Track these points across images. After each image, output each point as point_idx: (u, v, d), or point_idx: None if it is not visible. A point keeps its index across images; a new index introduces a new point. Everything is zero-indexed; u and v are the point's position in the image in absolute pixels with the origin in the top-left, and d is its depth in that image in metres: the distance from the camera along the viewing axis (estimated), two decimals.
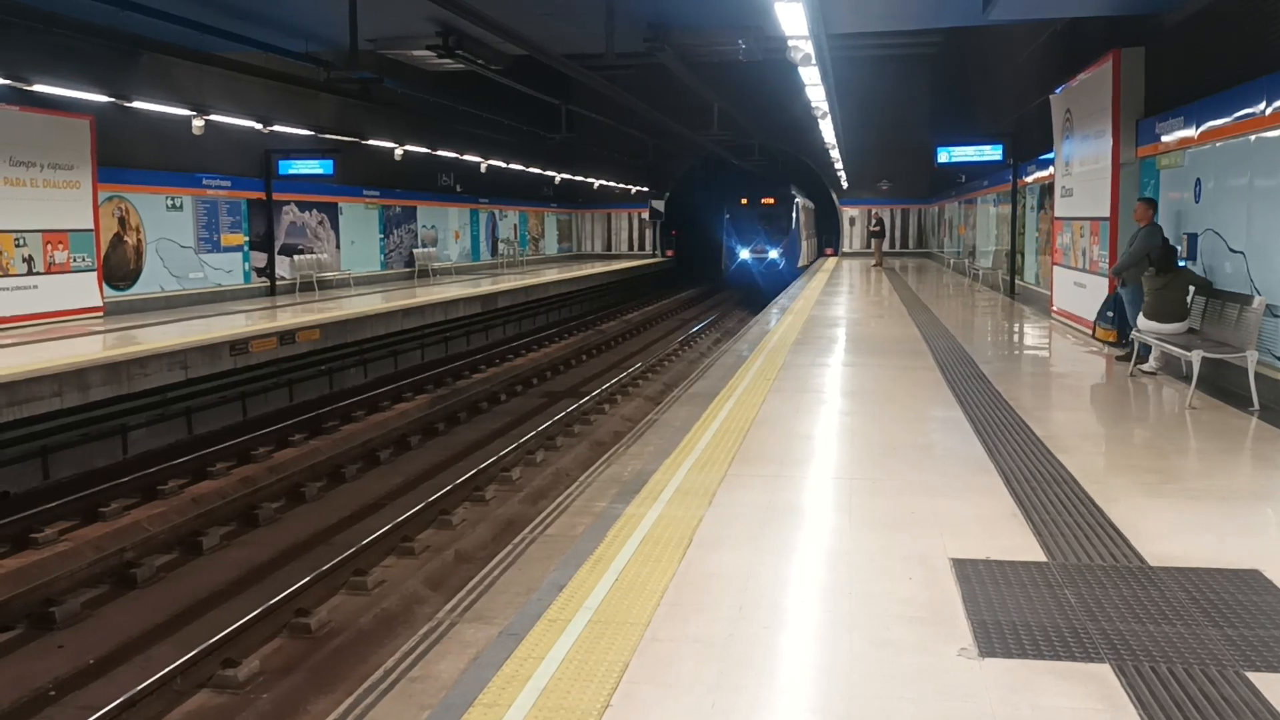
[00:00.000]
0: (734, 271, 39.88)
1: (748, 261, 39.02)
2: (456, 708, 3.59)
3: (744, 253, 39.01)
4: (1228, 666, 3.85)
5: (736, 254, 39.46)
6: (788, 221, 38.97)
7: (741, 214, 39.87)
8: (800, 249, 39.44)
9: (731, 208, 40.15)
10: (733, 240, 39.62)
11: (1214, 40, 10.76)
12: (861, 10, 15.71)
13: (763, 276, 37.47)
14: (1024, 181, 21.10)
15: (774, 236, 38.78)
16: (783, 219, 39.14)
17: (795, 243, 38.80)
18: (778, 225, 39.04)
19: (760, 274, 37.94)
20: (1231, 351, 9.10)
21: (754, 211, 39.62)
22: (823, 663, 4.01)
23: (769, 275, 37.14)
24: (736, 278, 39.85)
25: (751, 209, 39.67)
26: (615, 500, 6.16)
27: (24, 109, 15.28)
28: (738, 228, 39.63)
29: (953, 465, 7.06)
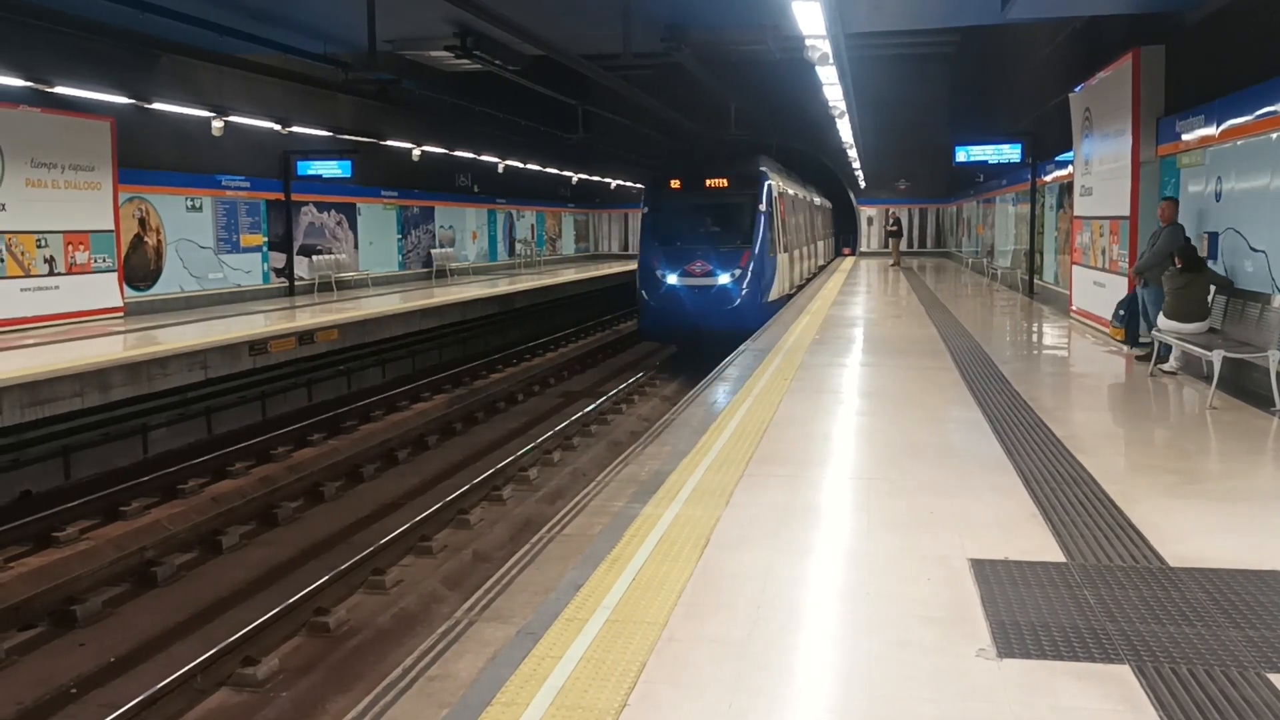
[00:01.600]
0: (653, 311, 20.58)
1: (678, 291, 20.16)
2: (475, 706, 3.60)
3: (671, 277, 20.18)
4: (1249, 668, 3.82)
5: (658, 279, 20.37)
6: (751, 220, 20.72)
7: (669, 208, 21.29)
8: (774, 269, 21.25)
9: (654, 197, 21.66)
10: (652, 254, 20.68)
11: (1235, 38, 10.69)
12: (879, 9, 15.67)
13: (705, 320, 19.50)
14: (1043, 180, 21.01)
15: (726, 247, 20.45)
16: (742, 216, 20.97)
17: (765, 259, 20.59)
18: (734, 227, 20.87)
19: (701, 315, 19.66)
20: (1253, 351, 9.03)
21: (690, 203, 21.40)
22: (841, 663, 4.00)
23: (717, 318, 19.40)
24: (659, 324, 20.77)
25: (687, 199, 21.40)
26: (632, 500, 6.16)
27: (45, 111, 15.39)
28: (661, 231, 20.97)
29: (971, 466, 7.03)
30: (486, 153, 27.96)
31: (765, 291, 20.45)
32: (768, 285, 20.63)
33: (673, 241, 20.47)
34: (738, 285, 19.77)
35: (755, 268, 19.99)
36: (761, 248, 20.21)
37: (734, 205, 20.86)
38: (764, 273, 20.30)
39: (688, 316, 19.65)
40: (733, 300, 19.67)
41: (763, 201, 20.59)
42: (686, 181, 21.19)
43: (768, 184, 20.96)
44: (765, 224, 20.50)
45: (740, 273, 19.83)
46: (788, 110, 35.83)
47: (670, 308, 19.93)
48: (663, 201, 21.14)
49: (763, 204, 20.56)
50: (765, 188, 20.84)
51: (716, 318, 19.25)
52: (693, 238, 20.54)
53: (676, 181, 21.16)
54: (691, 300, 19.74)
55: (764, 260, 20.28)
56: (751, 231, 20.27)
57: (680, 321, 19.85)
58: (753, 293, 19.92)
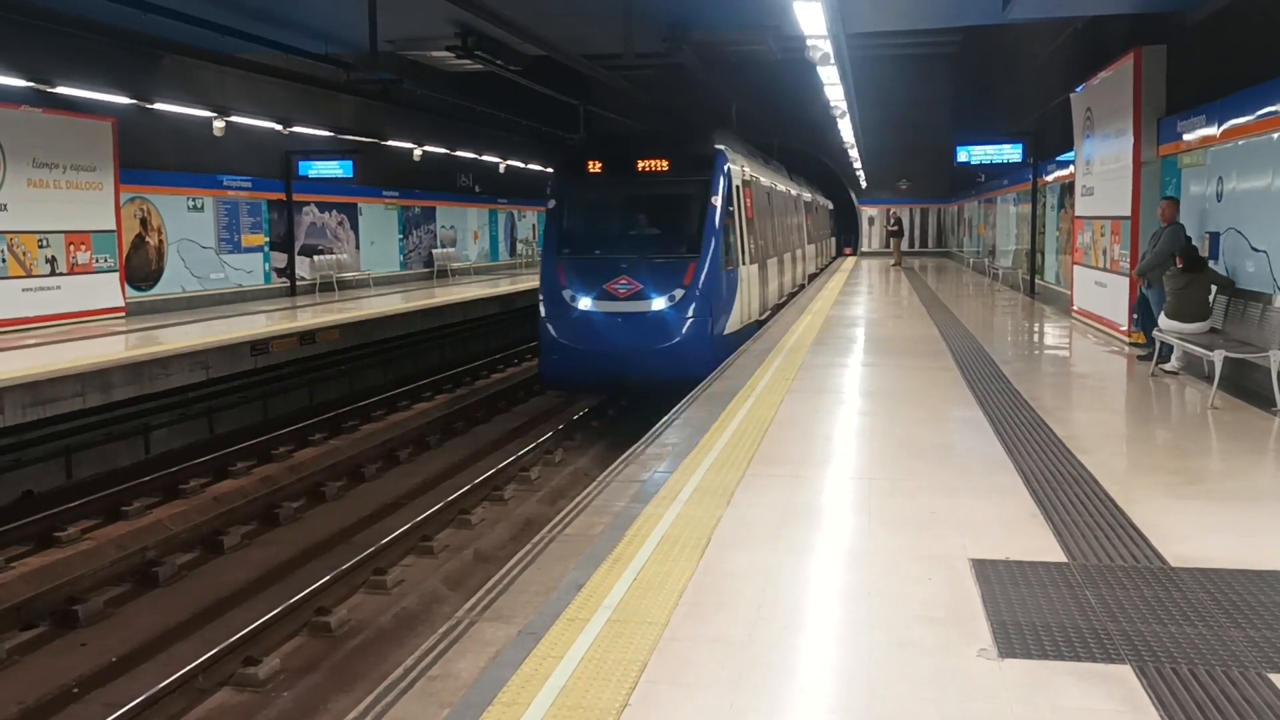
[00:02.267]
0: (558, 349, 14.12)
1: (594, 321, 13.87)
2: (476, 706, 3.60)
3: (584, 300, 13.88)
4: (1250, 668, 3.82)
5: (565, 302, 14.06)
6: (701, 218, 14.50)
7: (584, 201, 15.43)
8: (735, 287, 15.18)
9: (563, 186, 15.41)
10: (558, 266, 14.39)
11: (1236, 38, 10.68)
12: (881, 9, 15.68)
13: (633, 363, 13.63)
14: (1044, 180, 21.01)
15: (665, 257, 14.20)
16: (687, 212, 14.76)
17: (720, 273, 14.39)
18: (676, 228, 14.80)
19: (626, 355, 13.67)
20: (1254, 351, 9.02)
21: (614, 195, 15.46)
22: (842, 663, 4.00)
23: (650, 360, 13.59)
24: (566, 367, 14.23)
25: (609, 188, 15.35)
26: (634, 500, 6.16)
27: (47, 111, 15.40)
28: (571, 235, 14.96)
29: (973, 465, 7.03)
30: (488, 153, 27.97)
31: (721, 319, 14.04)
32: (724, 311, 14.22)
33: (587, 249, 14.30)
34: (679, 312, 13.36)
35: (706, 286, 13.58)
36: (714, 257, 13.77)
37: (677, 197, 14.58)
38: (718, 293, 13.93)
39: (607, 357, 13.33)
40: (671, 334, 13.35)
41: (718, 191, 14.19)
42: (610, 164, 14.65)
43: (726, 168, 14.53)
44: (722, 223, 14.12)
45: (684, 294, 13.39)
46: (789, 110, 35.83)
47: (582, 344, 13.46)
48: (575, 192, 14.77)
49: (717, 195, 14.15)
50: (722, 173, 14.40)
51: (648, 359, 13.16)
52: (616, 244, 14.36)
53: (596, 164, 14.67)
54: (613, 334, 13.32)
55: (719, 276, 13.90)
56: (701, 234, 13.90)
57: (596, 364, 13.41)
58: (700, 323, 13.44)
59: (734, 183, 15.02)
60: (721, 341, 14.06)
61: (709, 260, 13.85)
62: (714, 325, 13.88)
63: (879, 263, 37.10)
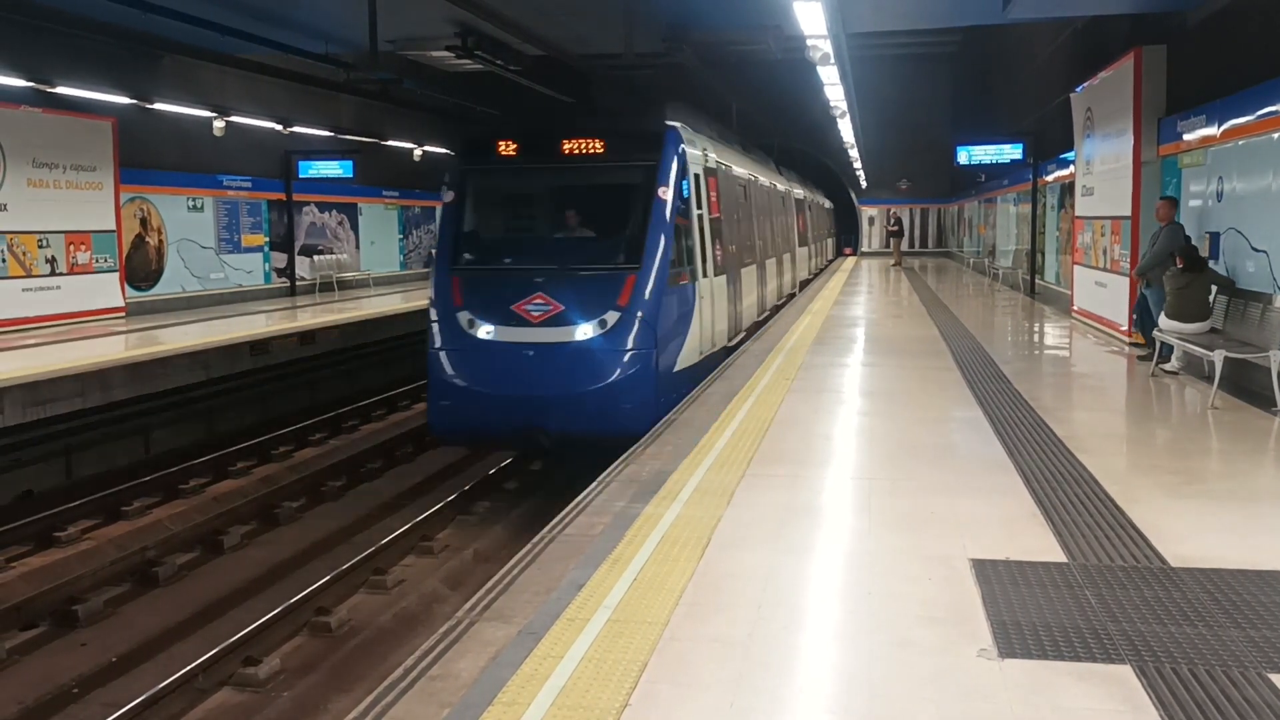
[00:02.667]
0: (452, 390, 10.14)
1: (497, 354, 10.07)
2: (476, 706, 3.60)
3: (485, 326, 10.11)
4: (1250, 668, 3.82)
5: (460, 327, 10.22)
6: (645, 216, 10.77)
7: (490, 194, 11.75)
8: (692, 307, 11.39)
9: (465, 176, 11.40)
10: (452, 280, 10.60)
11: (1237, 38, 10.68)
12: (881, 9, 15.68)
13: (550, 410, 9.82)
14: (1044, 180, 21.00)
15: (595, 268, 10.60)
16: (626, 207, 11.16)
17: (669, 290, 10.60)
18: (611, 229, 11.24)
19: (542, 401, 9.82)
20: (1254, 351, 9.02)
21: (529, 185, 12.00)
22: (842, 663, 4.00)
23: (572, 408, 9.82)
24: (462, 413, 10.16)
25: (524, 176, 11.77)
26: (634, 500, 6.16)
27: (47, 111, 15.39)
28: (471, 237, 11.31)
29: (973, 465, 7.03)
30: None
31: (670, 351, 10.57)
32: (675, 339, 10.75)
33: (493, 257, 11.03)
34: (613, 343, 9.95)
35: (651, 307, 10.18)
36: (662, 268, 10.40)
37: (613, 189, 11.39)
38: (667, 316, 10.50)
39: (515, 404, 9.85)
40: (601, 373, 9.90)
41: (667, 181, 10.82)
42: (527, 146, 11.21)
43: (680, 151, 11.12)
44: (672, 223, 10.72)
45: (619, 318, 10.00)
46: (789, 110, 35.82)
47: (483, 386, 10.01)
48: (480, 182, 11.34)
49: (667, 185, 10.80)
50: (674, 158, 11.00)
51: (570, 408, 9.78)
52: (531, 251, 11.26)
53: (507, 145, 11.18)
54: (522, 373, 9.89)
55: (668, 293, 10.50)
56: (645, 238, 10.52)
57: (501, 413, 9.90)
58: (641, 357, 10.01)
59: (692, 170, 11.48)
60: (670, 381, 10.35)
61: (654, 272, 10.26)
62: (660, 359, 10.07)
63: (879, 263, 37.09)
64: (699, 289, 11.49)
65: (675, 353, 10.69)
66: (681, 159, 11.11)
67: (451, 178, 11.39)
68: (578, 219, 11.15)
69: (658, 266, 10.35)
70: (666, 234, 10.56)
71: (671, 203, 10.70)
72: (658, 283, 10.29)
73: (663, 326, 10.27)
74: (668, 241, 10.53)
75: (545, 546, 5.34)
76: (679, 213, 10.93)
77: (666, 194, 10.72)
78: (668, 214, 10.67)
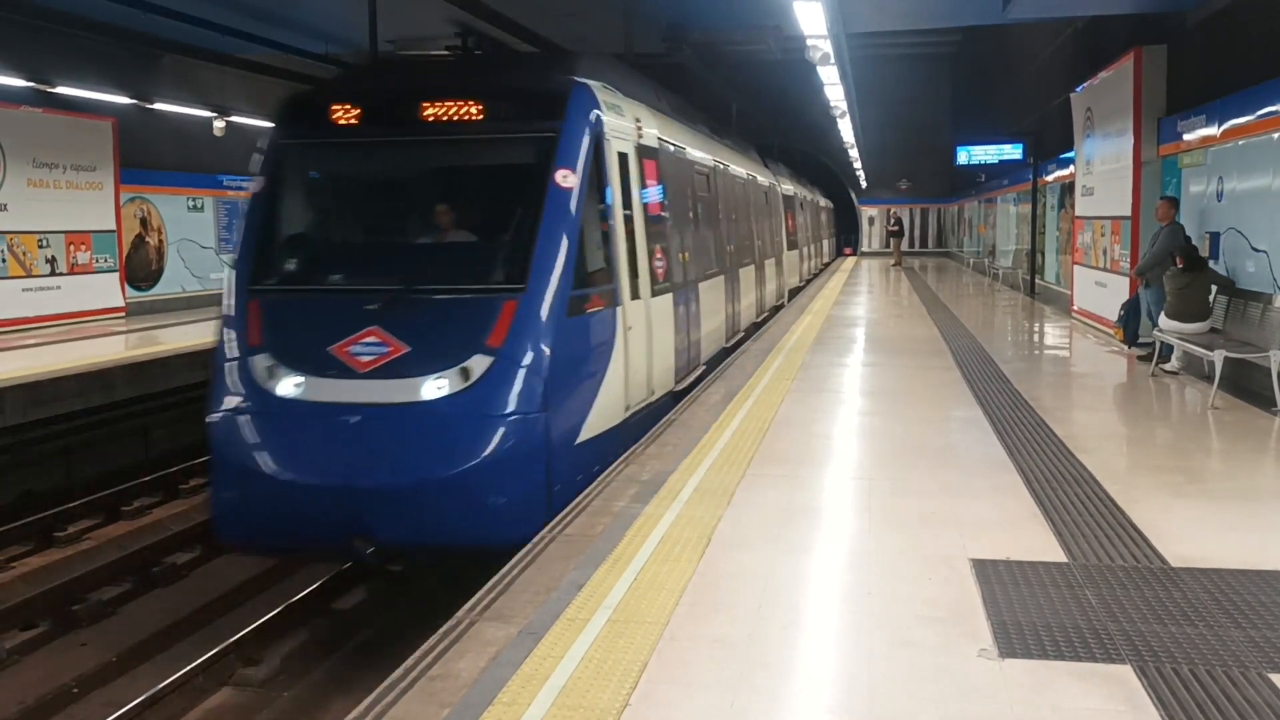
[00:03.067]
0: (241, 475, 6.51)
1: (307, 421, 6.51)
2: (476, 706, 3.60)
3: (289, 378, 6.58)
4: (1250, 668, 3.82)
5: (256, 382, 6.65)
6: (533, 213, 7.16)
7: (316, 183, 8.23)
8: (610, 346, 7.71)
9: (284, 155, 7.83)
10: (245, 307, 7.15)
11: (1236, 38, 10.68)
12: (881, 9, 15.67)
13: (380, 509, 6.21)
14: (1044, 180, 21.00)
15: (457, 291, 7.03)
16: (507, 201, 7.60)
17: (563, 323, 6.95)
18: (487, 235, 7.68)
19: (370, 499, 6.21)
20: (1254, 351, 9.02)
21: (378, 167, 8.13)
22: (842, 663, 4.00)
23: (409, 516, 6.24)
24: (257, 512, 6.54)
25: (366, 157, 8.00)
26: (634, 500, 6.16)
27: (47, 111, 15.40)
28: (286, 245, 7.82)
29: (973, 465, 7.03)
30: None
31: (573, 411, 7.16)
32: (582, 393, 7.37)
33: (310, 272, 7.84)
34: (482, 404, 6.57)
35: (540, 348, 6.79)
36: (560, 289, 7.07)
37: (490, 174, 8.03)
38: (568, 359, 7.11)
39: (327, 496, 6.39)
40: (464, 450, 6.45)
41: (572, 160, 7.50)
42: (370, 110, 7.82)
43: (593, 119, 7.86)
44: (575, 221, 7.35)
45: (494, 365, 6.65)
46: (788, 110, 35.83)
47: (282, 468, 6.53)
48: (300, 161, 8.13)
49: (570, 167, 7.46)
50: (583, 129, 7.74)
51: (409, 505, 6.38)
52: (365, 263, 7.92)
53: (344, 110, 7.77)
54: (342, 449, 6.48)
55: (566, 326, 7.11)
56: (533, 243, 7.18)
57: (309, 509, 6.44)
58: (525, 425, 6.57)
59: (614, 147, 8.12)
60: (573, 459, 6.98)
61: (549, 295, 6.91)
62: (555, 427, 6.70)
63: (879, 263, 37.09)
64: (623, 316, 7.87)
65: (581, 414, 7.03)
66: (595, 130, 7.65)
67: (263, 156, 7.84)
68: (444, 216, 7.61)
69: (554, 287, 6.83)
70: (568, 238, 7.03)
71: (578, 192, 7.20)
72: (553, 310, 6.78)
73: (560, 376, 6.72)
74: (570, 249, 7.00)
75: (545, 546, 5.34)
76: (593, 208, 7.58)
77: (569, 180, 7.20)
78: (571, 208, 7.14)
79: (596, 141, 7.70)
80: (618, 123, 8.38)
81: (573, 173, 7.33)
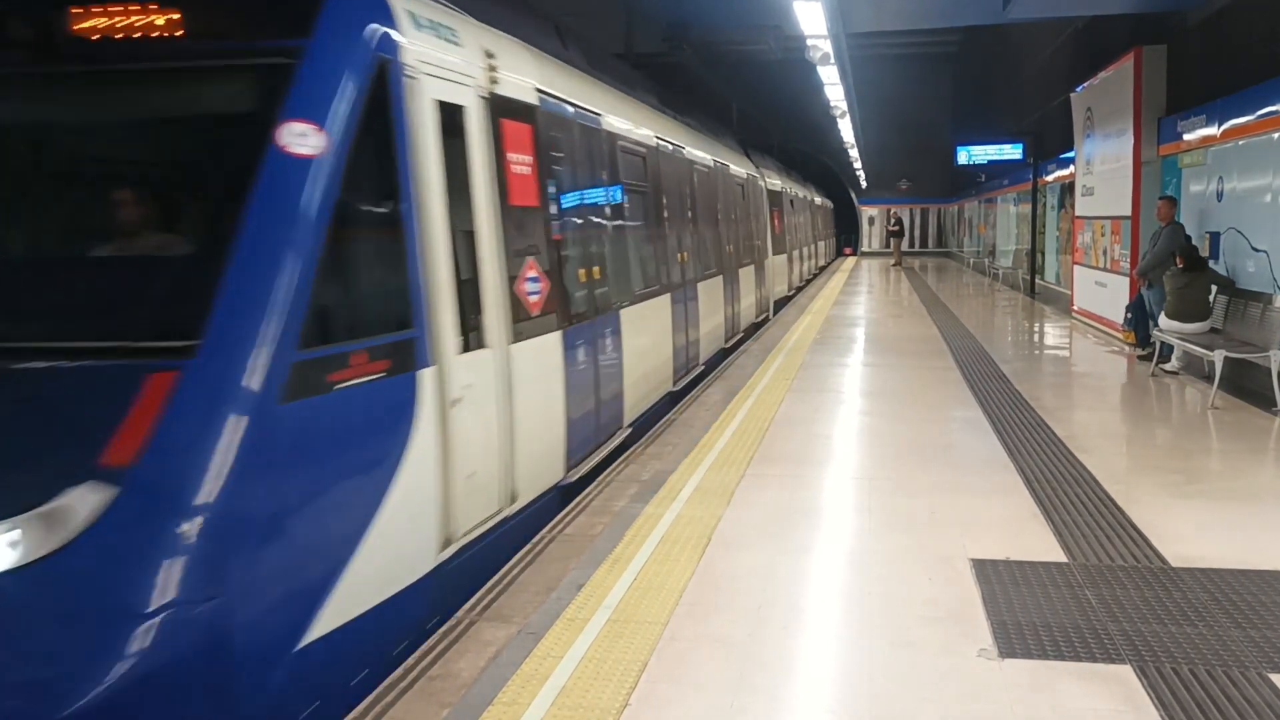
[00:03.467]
0: None
1: None
2: (476, 706, 3.60)
3: None
4: (1250, 668, 3.82)
5: None
6: (233, 201, 3.91)
7: None
8: (390, 458, 4.31)
9: None
10: None
11: (1236, 38, 10.68)
12: (881, 9, 15.68)
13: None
14: (1044, 180, 21.01)
15: (62, 343, 3.72)
16: (202, 177, 4.47)
17: (265, 424, 3.65)
18: (152, 238, 4.20)
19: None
20: (1254, 351, 9.02)
21: None
22: (843, 663, 4.00)
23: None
24: None
25: None
26: (634, 499, 6.16)
27: None
28: None
29: (973, 465, 7.03)
30: None
31: (294, 587, 3.76)
32: (315, 550, 3.90)
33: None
34: (87, 584, 3.28)
35: (208, 471, 3.48)
36: (272, 348, 3.76)
37: (160, 133, 4.60)
38: (279, 491, 3.74)
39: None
40: (47, 685, 3.12)
41: (324, 114, 4.15)
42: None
43: (372, 36, 4.46)
44: (305, 222, 3.99)
45: (117, 507, 3.34)
46: (789, 110, 35.84)
47: None
48: None
49: (312, 126, 4.10)
50: (344, 50, 4.33)
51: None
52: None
53: None
54: None
55: (285, 423, 3.79)
56: (220, 264, 3.82)
57: None
58: (178, 630, 3.29)
59: (422, 95, 4.87)
60: (303, 673, 3.79)
61: (244, 361, 3.73)
62: (248, 624, 3.56)
63: (879, 263, 37.10)
64: (438, 385, 4.77)
65: (316, 589, 3.93)
66: (377, 57, 4.53)
67: None
68: (89, 212, 4.61)
69: (258, 344, 3.80)
70: (297, 250, 4.01)
71: (329, 167, 4.19)
72: (253, 390, 3.74)
73: (261, 521, 3.71)
74: (300, 271, 3.99)
75: (545, 546, 5.34)
76: (367, 193, 4.59)
77: (309, 141, 4.16)
78: (307, 195, 4.10)
79: (381, 78, 4.48)
80: (440, 54, 5.11)
81: (317, 130, 4.12)
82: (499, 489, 5.41)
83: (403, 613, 4.39)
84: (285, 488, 3.78)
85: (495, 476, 5.36)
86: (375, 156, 4.50)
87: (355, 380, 4.19)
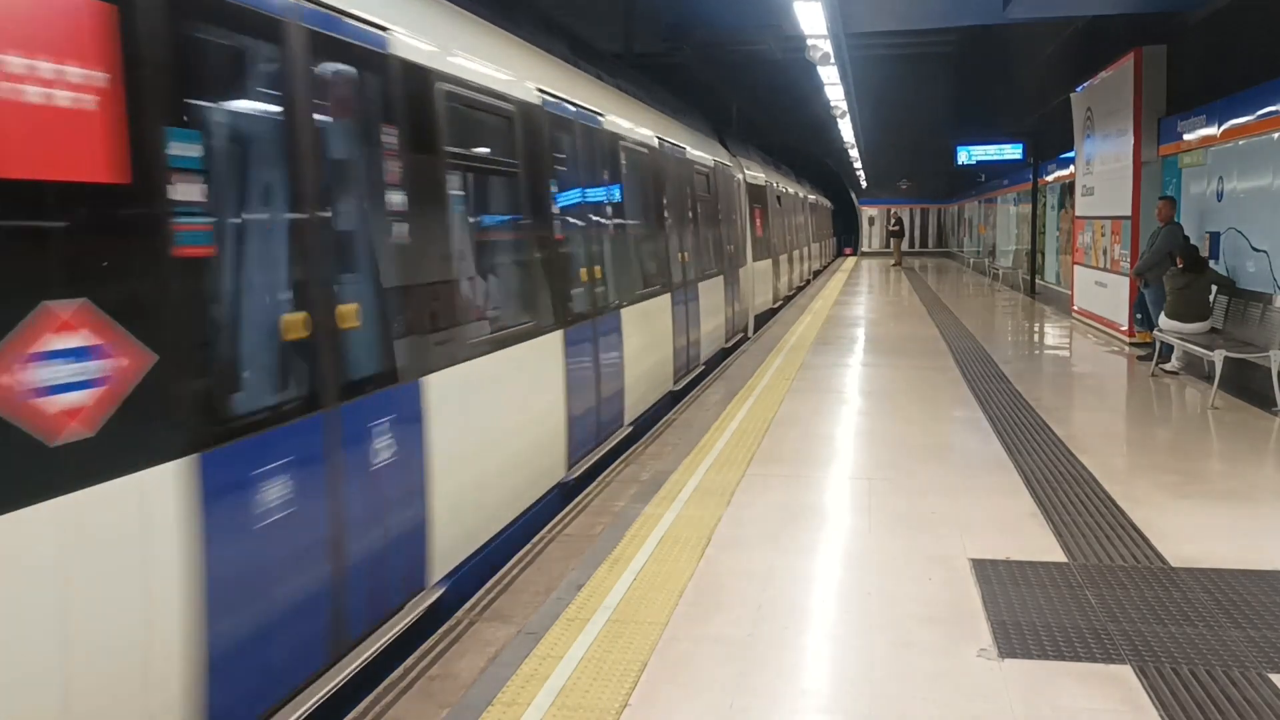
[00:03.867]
0: None
1: None
2: (475, 706, 3.60)
3: None
4: (1250, 668, 3.82)
5: None
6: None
7: None
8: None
9: None
10: None
11: (1236, 38, 10.68)
12: (881, 9, 15.67)
13: None
14: (1044, 180, 21.01)
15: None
16: None
17: None
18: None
19: None
20: (1254, 351, 9.02)
21: None
22: (843, 663, 4.00)
23: None
24: None
25: None
26: (634, 500, 6.16)
27: None
28: None
29: (973, 465, 7.03)
30: None
31: None
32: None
33: None
34: None
35: None
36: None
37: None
38: None
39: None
40: None
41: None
42: None
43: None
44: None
45: None
46: (788, 110, 35.82)
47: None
48: None
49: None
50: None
51: None
52: None
53: None
54: None
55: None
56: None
57: None
58: None
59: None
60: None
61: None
62: None
63: (879, 263, 37.10)
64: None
65: None
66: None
67: None
68: None
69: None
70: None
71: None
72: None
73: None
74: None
75: (545, 546, 5.34)
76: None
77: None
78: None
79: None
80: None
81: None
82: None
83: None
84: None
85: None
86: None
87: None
